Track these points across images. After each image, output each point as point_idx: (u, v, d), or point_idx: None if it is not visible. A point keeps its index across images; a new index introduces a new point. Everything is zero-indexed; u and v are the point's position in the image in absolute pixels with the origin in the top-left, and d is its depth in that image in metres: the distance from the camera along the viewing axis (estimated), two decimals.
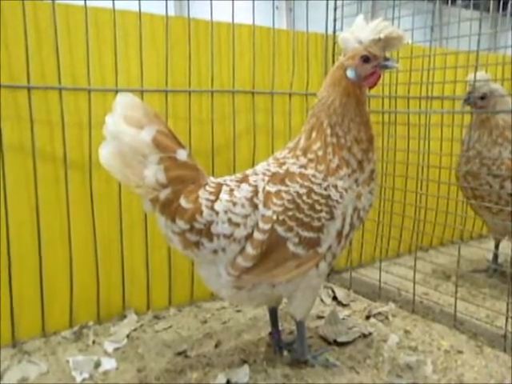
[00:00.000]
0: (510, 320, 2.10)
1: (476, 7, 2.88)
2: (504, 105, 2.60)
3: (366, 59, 1.71)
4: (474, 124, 2.68)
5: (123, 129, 1.54)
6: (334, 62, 2.82)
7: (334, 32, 2.83)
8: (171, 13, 2.31)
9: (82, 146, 2.18)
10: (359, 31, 1.72)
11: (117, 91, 2.12)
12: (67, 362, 1.98)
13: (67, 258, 2.20)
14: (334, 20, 2.81)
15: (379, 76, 1.76)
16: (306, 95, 2.78)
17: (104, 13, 2.16)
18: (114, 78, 2.19)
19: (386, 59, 1.73)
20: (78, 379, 1.87)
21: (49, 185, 2.13)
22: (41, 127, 2.08)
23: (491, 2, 2.70)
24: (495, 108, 2.55)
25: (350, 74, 1.73)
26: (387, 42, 1.69)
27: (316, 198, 1.66)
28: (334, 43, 2.82)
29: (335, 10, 2.80)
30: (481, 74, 2.57)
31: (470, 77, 2.59)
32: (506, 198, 2.56)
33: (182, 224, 1.62)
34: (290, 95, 2.72)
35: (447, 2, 3.17)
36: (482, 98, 2.60)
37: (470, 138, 2.66)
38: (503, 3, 3.02)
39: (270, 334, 2.12)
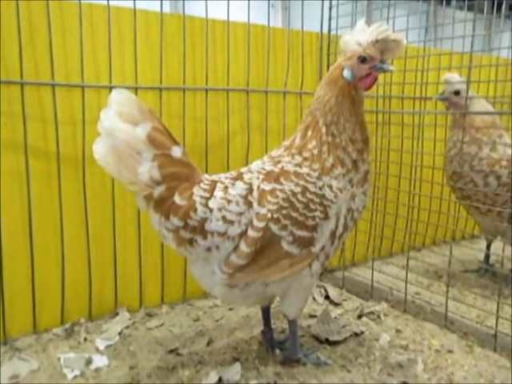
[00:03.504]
0: (500, 320, 2.11)
1: (470, 8, 2.90)
2: (479, 104, 2.63)
3: (363, 59, 1.71)
4: (452, 123, 2.75)
5: (118, 125, 1.54)
6: (328, 61, 2.83)
7: (329, 31, 2.83)
8: (166, 11, 2.30)
9: (76, 142, 2.17)
10: (359, 34, 1.72)
11: (111, 88, 2.11)
12: (58, 359, 1.97)
13: (59, 255, 2.19)
14: (329, 19, 2.81)
15: (375, 78, 1.76)
16: (301, 94, 2.79)
17: (98, 9, 2.15)
18: (107, 75, 2.18)
19: (383, 62, 1.73)
20: (69, 376, 1.86)
21: (41, 181, 2.12)
22: (34, 123, 2.07)
23: (485, 4, 2.71)
24: (468, 105, 2.56)
25: (346, 73, 1.73)
26: (385, 45, 1.69)
27: (310, 196, 1.66)
28: (329, 42, 2.83)
29: (330, 9, 2.80)
30: (455, 75, 2.68)
31: (446, 76, 2.68)
32: (492, 197, 2.58)
33: (176, 221, 1.62)
34: (285, 94, 2.73)
35: (442, 3, 3.18)
36: (456, 93, 2.65)
37: (451, 137, 2.72)
38: (497, 5, 3.04)
39: (263, 332, 2.12)
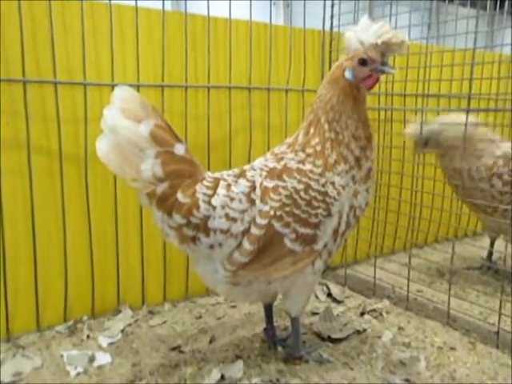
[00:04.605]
0: (502, 317, 2.12)
1: (473, 5, 2.89)
2: (454, 131, 2.62)
3: (363, 62, 1.70)
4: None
5: (121, 122, 1.54)
6: (330, 58, 2.82)
7: (331, 28, 2.82)
8: (168, 9, 2.30)
9: (78, 140, 2.17)
10: (362, 32, 1.69)
11: (113, 86, 2.11)
12: (61, 356, 1.98)
13: (62, 253, 2.20)
14: (331, 16, 2.80)
15: (376, 79, 1.75)
16: (303, 91, 2.78)
17: (100, 7, 2.15)
18: (110, 73, 2.18)
19: (384, 64, 1.71)
20: (72, 374, 1.87)
21: (44, 179, 2.12)
22: (36, 121, 2.07)
23: (488, 1, 2.70)
24: (447, 142, 2.63)
25: (347, 74, 1.72)
26: (387, 47, 1.68)
27: (313, 194, 1.66)
28: (331, 40, 2.83)
29: (332, 6, 2.79)
30: (412, 126, 2.70)
31: (406, 131, 2.72)
32: (498, 197, 2.58)
33: (178, 218, 1.62)
34: (287, 91, 2.72)
35: (444, 0, 3.17)
36: (426, 143, 2.69)
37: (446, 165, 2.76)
38: (500, 1, 3.02)
39: (265, 329, 2.12)
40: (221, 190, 1.65)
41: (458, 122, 2.54)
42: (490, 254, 3.02)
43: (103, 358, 1.97)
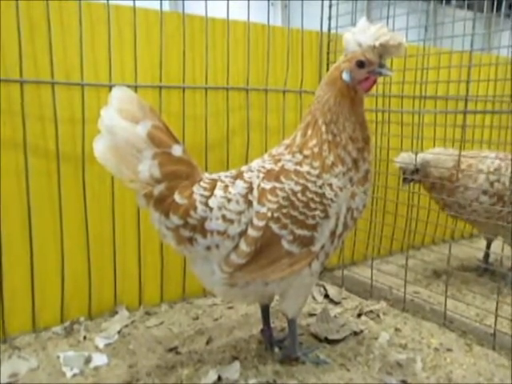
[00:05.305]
0: (499, 319, 2.12)
1: (470, 7, 2.90)
2: (440, 163, 2.67)
3: (360, 64, 1.70)
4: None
5: (118, 123, 1.54)
6: (328, 59, 2.83)
7: (329, 30, 2.83)
8: (166, 10, 2.30)
9: (75, 140, 2.17)
10: (360, 34, 1.70)
11: (110, 86, 2.11)
12: (58, 357, 1.97)
13: (59, 253, 2.19)
14: (329, 18, 2.81)
15: (374, 81, 1.75)
16: (300, 93, 2.78)
17: (98, 7, 2.15)
18: (107, 73, 2.18)
19: (381, 66, 1.71)
20: (69, 375, 1.86)
21: (41, 179, 2.12)
22: (33, 121, 2.06)
23: (485, 3, 2.70)
24: (431, 172, 2.68)
25: (345, 76, 1.72)
26: (385, 49, 1.68)
27: (311, 196, 1.66)
28: (329, 41, 2.83)
29: (330, 7, 2.79)
30: (405, 155, 2.75)
31: (398, 159, 2.75)
32: (490, 209, 2.61)
33: (175, 219, 1.62)
34: (284, 92, 2.72)
35: (441, 2, 3.18)
36: (417, 170, 2.71)
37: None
38: (497, 3, 3.03)
39: (262, 330, 2.13)
40: (218, 192, 1.65)
41: (446, 154, 2.63)
42: (487, 255, 3.03)
43: (100, 359, 1.97)
